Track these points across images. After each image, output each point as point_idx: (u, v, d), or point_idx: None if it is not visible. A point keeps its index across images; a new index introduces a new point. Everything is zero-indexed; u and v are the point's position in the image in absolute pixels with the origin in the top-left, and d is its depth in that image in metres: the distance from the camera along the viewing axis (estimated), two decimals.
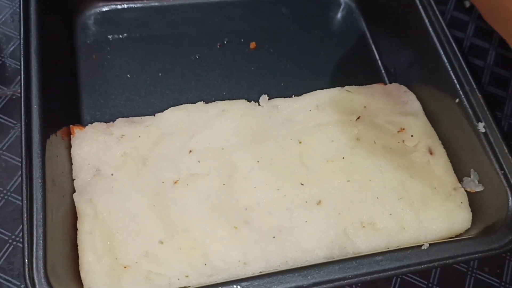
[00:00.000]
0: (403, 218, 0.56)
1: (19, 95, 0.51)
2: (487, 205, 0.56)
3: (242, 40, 0.72)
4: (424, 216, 0.56)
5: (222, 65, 0.69)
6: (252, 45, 0.71)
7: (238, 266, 0.51)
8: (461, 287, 0.59)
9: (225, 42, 0.71)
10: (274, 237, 0.53)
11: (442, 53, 0.62)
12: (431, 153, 0.61)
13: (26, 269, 0.44)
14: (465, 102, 0.59)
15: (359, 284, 0.58)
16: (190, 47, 0.70)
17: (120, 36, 0.69)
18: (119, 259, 0.50)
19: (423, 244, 0.50)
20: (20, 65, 0.54)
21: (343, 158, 0.58)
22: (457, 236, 0.56)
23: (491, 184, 0.56)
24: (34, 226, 0.46)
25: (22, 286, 0.53)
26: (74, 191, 0.54)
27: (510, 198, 0.54)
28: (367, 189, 0.57)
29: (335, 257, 0.53)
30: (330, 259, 0.52)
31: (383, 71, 0.73)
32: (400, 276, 0.59)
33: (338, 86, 0.64)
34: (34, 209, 0.47)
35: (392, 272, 0.48)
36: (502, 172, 0.55)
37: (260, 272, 0.51)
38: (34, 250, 0.45)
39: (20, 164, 0.49)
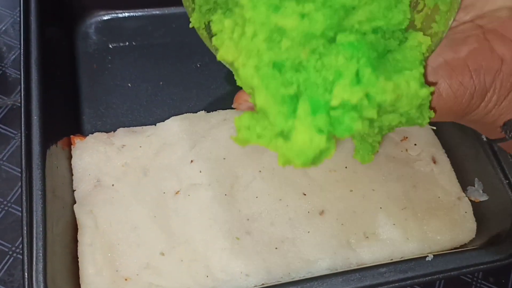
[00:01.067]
0: (407, 228, 0.55)
1: (19, 105, 0.51)
2: (491, 215, 0.56)
3: None
4: (428, 226, 0.56)
5: (223, 74, 0.68)
6: None
7: (240, 278, 0.51)
8: None
9: None
10: (276, 248, 0.53)
11: None
12: (434, 162, 0.60)
13: (26, 282, 0.44)
14: None
15: None
16: (192, 55, 0.69)
17: (121, 45, 0.69)
18: (120, 271, 0.50)
19: (428, 256, 0.50)
20: (20, 75, 0.53)
21: (346, 167, 0.58)
22: (461, 246, 0.56)
23: (496, 194, 0.56)
24: (34, 239, 0.46)
25: None
26: (74, 202, 0.53)
27: None
28: (370, 199, 0.57)
29: (338, 268, 0.52)
30: (333, 270, 0.52)
31: None
32: None
33: None
34: (34, 221, 0.46)
35: (396, 284, 0.48)
36: (507, 181, 0.55)
37: (263, 284, 0.50)
38: (34, 263, 0.45)
39: (20, 175, 0.48)
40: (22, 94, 0.52)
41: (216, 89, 0.67)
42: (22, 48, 0.55)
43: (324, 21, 0.35)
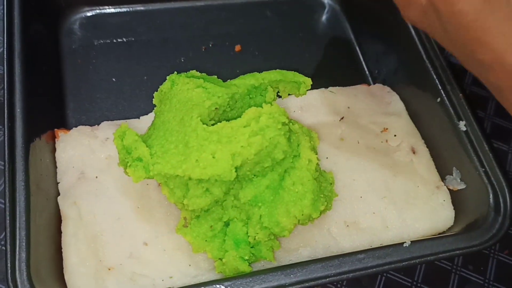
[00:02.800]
0: (387, 217, 0.56)
1: (3, 99, 0.52)
2: (469, 203, 0.57)
3: (227, 43, 0.72)
4: (408, 215, 0.57)
5: (207, 68, 0.69)
6: (237, 48, 0.72)
7: None
8: (446, 285, 0.60)
9: (210, 45, 0.71)
10: None
11: (424, 53, 0.63)
12: (414, 152, 0.61)
13: (9, 272, 0.44)
14: (446, 101, 0.60)
15: (344, 283, 0.58)
16: (175, 50, 0.70)
17: (105, 41, 0.69)
18: (103, 261, 0.50)
19: (405, 242, 0.51)
20: (3, 70, 0.54)
21: (327, 158, 0.59)
22: (440, 233, 0.57)
23: (473, 182, 0.57)
24: (17, 229, 0.46)
25: None
26: (58, 194, 0.54)
27: (491, 195, 0.55)
28: (351, 189, 0.58)
29: (318, 256, 0.53)
30: (313, 258, 0.53)
31: (367, 72, 0.74)
32: (385, 274, 0.59)
33: (322, 87, 0.65)
34: (17, 212, 0.47)
35: (374, 269, 0.49)
36: (483, 169, 0.56)
37: None
38: (17, 252, 0.45)
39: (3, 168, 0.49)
40: (5, 87, 0.52)
41: None
42: (5, 43, 0.55)
43: (220, 192, 0.49)
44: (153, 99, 0.56)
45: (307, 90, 0.59)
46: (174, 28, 0.72)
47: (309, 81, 0.59)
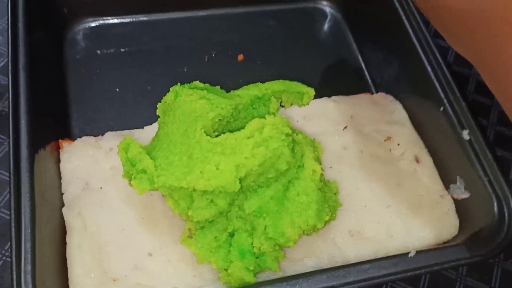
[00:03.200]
0: (391, 226, 0.56)
1: (8, 111, 0.52)
2: (473, 212, 0.57)
3: (230, 52, 0.72)
4: (412, 224, 0.57)
5: (210, 78, 0.69)
6: (240, 57, 0.72)
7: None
8: None
9: (213, 55, 0.72)
10: None
11: (426, 62, 0.63)
12: (417, 161, 0.61)
13: (14, 283, 0.44)
14: (450, 110, 0.60)
15: None
16: (179, 60, 0.70)
17: (109, 51, 0.70)
18: (108, 272, 0.50)
19: (410, 252, 0.51)
20: (8, 81, 0.54)
21: (331, 167, 0.59)
22: (444, 243, 0.57)
23: (477, 191, 0.57)
24: (22, 241, 0.46)
25: None
26: (63, 205, 0.54)
27: (495, 204, 0.55)
28: (355, 198, 0.58)
29: (323, 266, 0.53)
30: (318, 268, 0.52)
31: (369, 81, 0.74)
32: (389, 283, 0.59)
33: (325, 96, 0.65)
34: (22, 224, 0.47)
35: (380, 279, 0.49)
36: (487, 178, 0.56)
37: None
38: (23, 264, 0.45)
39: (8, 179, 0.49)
40: (10, 99, 0.53)
41: None
42: (10, 54, 0.55)
43: (225, 204, 0.49)
44: (157, 110, 0.56)
45: (310, 100, 0.60)
46: (176, 38, 0.72)
47: (312, 91, 0.59)
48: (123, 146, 0.50)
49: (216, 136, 0.50)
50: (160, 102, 0.56)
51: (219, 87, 0.56)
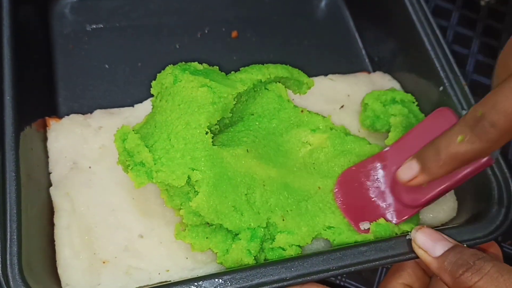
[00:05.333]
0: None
1: None
2: (472, 194, 0.56)
3: (223, 29, 0.70)
4: None
5: (203, 55, 0.67)
6: (234, 34, 0.70)
7: None
8: None
9: (206, 32, 0.69)
10: None
11: (426, 41, 0.61)
12: None
13: (0, 265, 0.43)
14: (449, 90, 0.58)
15: (345, 275, 0.57)
16: (170, 36, 0.68)
17: (98, 26, 0.67)
18: (98, 254, 0.49)
19: (408, 234, 0.49)
20: None
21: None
22: (443, 225, 0.56)
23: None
24: (8, 221, 0.45)
25: None
26: (50, 185, 0.52)
27: (494, 186, 0.54)
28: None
29: (320, 248, 0.52)
30: (315, 250, 0.51)
31: (367, 60, 0.72)
32: (387, 266, 0.58)
33: (322, 75, 0.63)
34: (8, 204, 0.45)
35: (377, 262, 0.48)
36: None
37: None
38: (8, 246, 0.44)
39: None
40: None
41: None
42: None
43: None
44: (151, 89, 0.54)
45: (308, 91, 0.58)
46: (168, 14, 0.70)
47: (312, 82, 0.58)
48: (120, 135, 0.48)
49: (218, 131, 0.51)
50: (153, 80, 0.53)
51: (217, 68, 0.54)
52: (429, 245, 0.46)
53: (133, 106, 0.58)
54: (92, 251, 0.49)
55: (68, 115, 0.57)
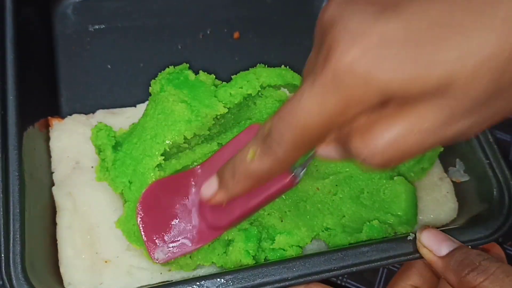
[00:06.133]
0: None
1: None
2: (473, 195, 0.56)
3: (225, 30, 0.70)
4: None
5: (205, 56, 0.68)
6: (236, 35, 0.70)
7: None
8: None
9: (208, 32, 0.70)
10: None
11: None
12: None
13: (2, 264, 0.43)
14: None
15: (346, 275, 0.57)
16: (172, 37, 0.68)
17: (100, 26, 0.67)
18: (100, 253, 0.49)
19: (409, 235, 0.50)
20: None
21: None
22: (443, 226, 0.56)
23: (477, 174, 0.56)
24: (11, 220, 0.45)
25: (0, 283, 0.51)
26: (53, 184, 0.52)
27: (495, 187, 0.54)
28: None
29: (322, 248, 0.52)
30: (317, 250, 0.52)
31: None
32: (388, 266, 0.58)
33: None
34: (11, 203, 0.45)
35: (378, 263, 0.48)
36: (488, 161, 0.55)
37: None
38: (11, 245, 0.44)
39: None
40: None
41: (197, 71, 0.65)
42: None
43: None
44: (149, 88, 0.54)
45: None
46: (170, 14, 0.70)
47: None
48: (96, 131, 0.51)
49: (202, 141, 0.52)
50: (154, 79, 0.53)
51: (213, 77, 0.54)
52: (435, 245, 0.46)
53: (135, 106, 0.58)
54: (94, 251, 0.49)
55: (70, 115, 0.57)
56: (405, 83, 0.27)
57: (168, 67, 0.53)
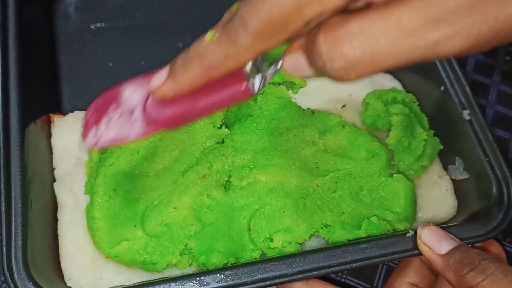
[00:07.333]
0: None
1: None
2: (472, 193, 0.56)
3: None
4: None
5: None
6: None
7: None
8: None
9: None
10: None
11: None
12: None
13: (4, 259, 0.43)
14: (450, 90, 0.59)
15: (345, 272, 0.58)
16: (174, 35, 0.68)
17: (102, 24, 0.68)
18: None
19: (408, 232, 0.50)
20: None
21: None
22: (442, 223, 0.56)
23: (476, 172, 0.56)
24: (13, 215, 0.45)
25: (2, 278, 0.52)
26: (54, 180, 0.53)
27: (494, 185, 0.54)
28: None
29: (322, 243, 0.53)
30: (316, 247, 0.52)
31: None
32: (387, 263, 0.58)
33: None
34: (13, 198, 0.46)
35: (377, 259, 0.48)
36: (487, 159, 0.55)
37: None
38: (13, 240, 0.44)
39: None
40: (0, 70, 0.51)
41: None
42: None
43: None
44: None
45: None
46: (172, 13, 0.70)
47: (305, 83, 0.58)
48: None
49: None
50: None
51: None
52: (435, 243, 0.46)
53: None
54: (95, 246, 0.49)
55: (72, 111, 0.57)
56: None
57: None
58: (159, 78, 0.36)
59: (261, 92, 0.54)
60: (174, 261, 0.48)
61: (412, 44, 0.26)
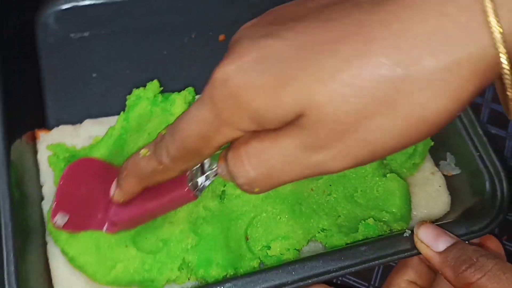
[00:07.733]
0: None
1: None
2: (465, 188, 0.56)
3: (210, 33, 0.69)
4: None
5: (191, 60, 0.67)
6: (221, 37, 0.69)
7: None
8: None
9: (193, 36, 0.69)
10: None
11: None
12: None
13: None
14: None
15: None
16: (157, 42, 0.67)
17: (83, 34, 0.66)
18: None
19: (405, 231, 0.50)
20: None
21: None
22: (437, 220, 0.56)
23: (468, 167, 0.56)
24: (4, 239, 0.44)
25: None
26: (42, 198, 0.51)
27: (487, 180, 0.54)
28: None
29: (319, 250, 0.52)
30: (313, 253, 0.52)
31: None
32: (385, 264, 0.58)
33: None
34: (2, 222, 0.44)
35: (376, 261, 0.48)
36: (478, 154, 0.55)
37: None
38: (5, 265, 0.43)
39: None
40: None
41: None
42: None
43: None
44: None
45: None
46: (153, 22, 0.69)
47: None
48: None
49: None
50: (142, 86, 0.53)
51: (192, 89, 0.58)
52: (432, 240, 0.47)
53: None
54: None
55: (57, 126, 0.56)
56: (264, 108, 0.27)
57: (137, 88, 0.57)
58: (113, 186, 0.43)
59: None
60: (173, 276, 0.47)
61: (300, 165, 0.29)
